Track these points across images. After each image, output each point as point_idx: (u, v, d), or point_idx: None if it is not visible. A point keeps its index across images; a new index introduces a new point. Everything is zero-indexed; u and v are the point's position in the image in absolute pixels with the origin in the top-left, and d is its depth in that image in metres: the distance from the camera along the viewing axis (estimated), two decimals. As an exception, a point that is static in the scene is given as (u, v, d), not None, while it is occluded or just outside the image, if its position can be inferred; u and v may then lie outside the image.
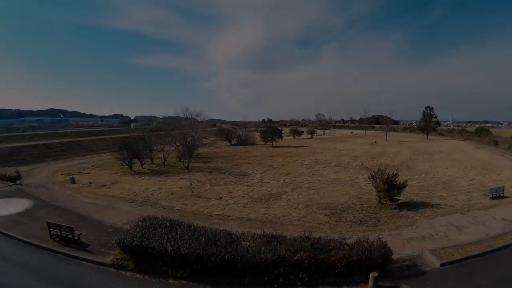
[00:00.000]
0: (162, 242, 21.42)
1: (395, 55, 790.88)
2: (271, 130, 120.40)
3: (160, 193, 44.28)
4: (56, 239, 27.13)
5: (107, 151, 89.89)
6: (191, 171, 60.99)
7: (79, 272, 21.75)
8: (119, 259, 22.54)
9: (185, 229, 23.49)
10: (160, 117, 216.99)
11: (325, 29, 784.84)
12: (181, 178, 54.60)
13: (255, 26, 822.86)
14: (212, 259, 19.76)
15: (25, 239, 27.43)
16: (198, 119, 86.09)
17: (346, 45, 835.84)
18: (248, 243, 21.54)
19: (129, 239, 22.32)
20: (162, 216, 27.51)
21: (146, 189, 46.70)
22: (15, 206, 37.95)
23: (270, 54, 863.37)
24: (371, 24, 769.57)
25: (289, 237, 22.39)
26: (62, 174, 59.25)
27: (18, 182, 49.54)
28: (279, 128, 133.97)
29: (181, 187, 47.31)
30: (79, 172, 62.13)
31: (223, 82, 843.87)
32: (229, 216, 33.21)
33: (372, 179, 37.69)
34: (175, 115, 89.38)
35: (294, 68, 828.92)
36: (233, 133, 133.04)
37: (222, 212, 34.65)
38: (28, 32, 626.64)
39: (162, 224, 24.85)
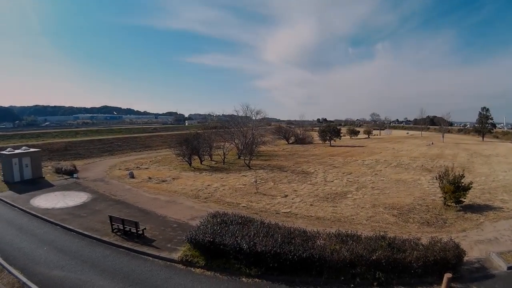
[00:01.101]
0: (237, 239, 21.03)
1: (448, 54, 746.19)
2: (330, 129, 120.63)
3: (223, 189, 44.14)
4: (118, 233, 26.90)
5: (164, 147, 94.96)
6: (252, 169, 61.03)
7: (145, 267, 21.12)
8: (188, 255, 21.89)
9: (258, 226, 23.25)
10: (214, 115, 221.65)
11: (377, 27, 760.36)
12: (243, 176, 54.38)
13: (308, 24, 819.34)
14: (290, 257, 19.43)
15: (85, 233, 27.41)
16: (258, 117, 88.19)
17: (399, 44, 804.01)
18: (323, 241, 21.36)
19: (201, 235, 21.74)
20: (232, 212, 27.16)
21: (208, 185, 46.69)
22: (73, 199, 38.77)
23: (323, 53, 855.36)
24: (423, 22, 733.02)
25: (363, 236, 22.32)
26: (120, 169, 60.73)
27: (75, 176, 50.74)
28: (337, 127, 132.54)
29: (244, 184, 47.26)
30: (137, 167, 63.50)
31: (277, 81, 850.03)
32: (296, 214, 32.98)
33: (439, 180, 37.45)
34: (234, 113, 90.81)
35: (348, 67, 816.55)
36: (290, 132, 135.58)
37: (289, 210, 34.44)
38: (83, 32, 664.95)
39: (233, 220, 24.67)
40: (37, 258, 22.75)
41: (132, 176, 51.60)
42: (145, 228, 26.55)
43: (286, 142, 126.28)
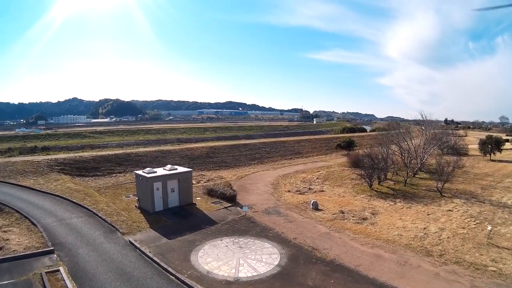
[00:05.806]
0: None
1: None
2: (491, 141, 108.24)
3: (447, 237, 34.03)
4: None
5: (315, 154, 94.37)
6: (444, 196, 50.36)
7: None
8: None
9: None
10: (339, 112, 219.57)
11: (495, 18, 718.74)
12: (448, 210, 43.26)
13: (426, 17, 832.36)
14: None
15: None
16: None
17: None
18: None
19: None
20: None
21: (424, 228, 36.10)
22: (259, 257, 27.40)
23: (443, 48, 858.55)
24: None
25: None
26: (289, 191, 51.44)
27: (245, 209, 41.00)
28: (499, 137, 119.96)
29: (462, 227, 36.86)
30: (308, 188, 53.71)
31: (398, 78, 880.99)
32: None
33: None
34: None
35: (470, 64, 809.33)
36: (444, 140, 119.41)
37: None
38: (205, 31, 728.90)
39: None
40: None
41: (316, 207, 41.44)
42: None
43: (441, 152, 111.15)
